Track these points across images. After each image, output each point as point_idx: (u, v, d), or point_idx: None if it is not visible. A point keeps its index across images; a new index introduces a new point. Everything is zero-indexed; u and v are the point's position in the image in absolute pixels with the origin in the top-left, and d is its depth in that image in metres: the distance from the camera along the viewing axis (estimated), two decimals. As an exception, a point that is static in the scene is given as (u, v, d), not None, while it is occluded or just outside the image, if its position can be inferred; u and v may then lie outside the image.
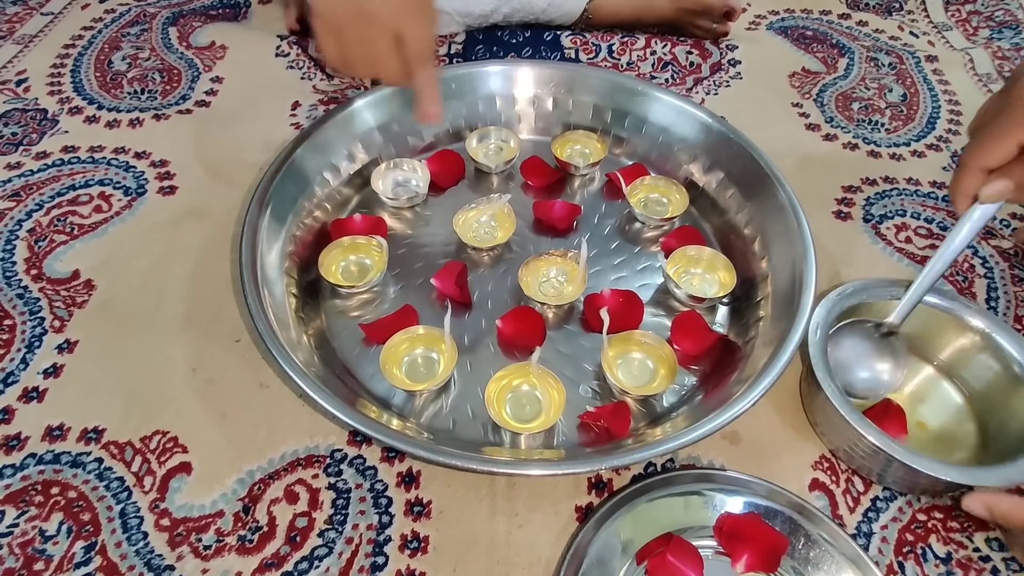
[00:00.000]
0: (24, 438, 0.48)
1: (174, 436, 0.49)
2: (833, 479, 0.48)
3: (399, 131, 0.68)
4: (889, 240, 0.65)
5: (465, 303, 0.57)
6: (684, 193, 0.65)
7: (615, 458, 0.42)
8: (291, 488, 0.47)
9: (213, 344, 0.54)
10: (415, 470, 0.48)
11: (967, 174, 0.42)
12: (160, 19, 0.87)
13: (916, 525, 0.46)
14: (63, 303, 0.56)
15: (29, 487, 0.46)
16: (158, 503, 0.45)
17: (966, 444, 0.50)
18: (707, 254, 0.59)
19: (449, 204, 0.64)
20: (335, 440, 0.49)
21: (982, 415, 0.51)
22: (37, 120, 0.73)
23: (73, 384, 0.52)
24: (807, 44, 0.89)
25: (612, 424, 0.49)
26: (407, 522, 0.45)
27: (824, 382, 0.47)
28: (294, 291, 0.56)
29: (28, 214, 0.63)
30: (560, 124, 0.72)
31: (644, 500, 0.44)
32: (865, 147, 0.74)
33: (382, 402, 0.51)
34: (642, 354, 0.53)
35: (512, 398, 0.50)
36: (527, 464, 0.43)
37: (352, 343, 0.55)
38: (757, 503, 0.44)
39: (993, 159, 0.41)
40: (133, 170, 0.68)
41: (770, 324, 0.53)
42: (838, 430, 0.48)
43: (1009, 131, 0.40)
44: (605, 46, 0.86)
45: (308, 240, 0.61)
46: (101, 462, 0.47)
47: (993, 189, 0.42)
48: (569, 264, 0.59)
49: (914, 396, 0.52)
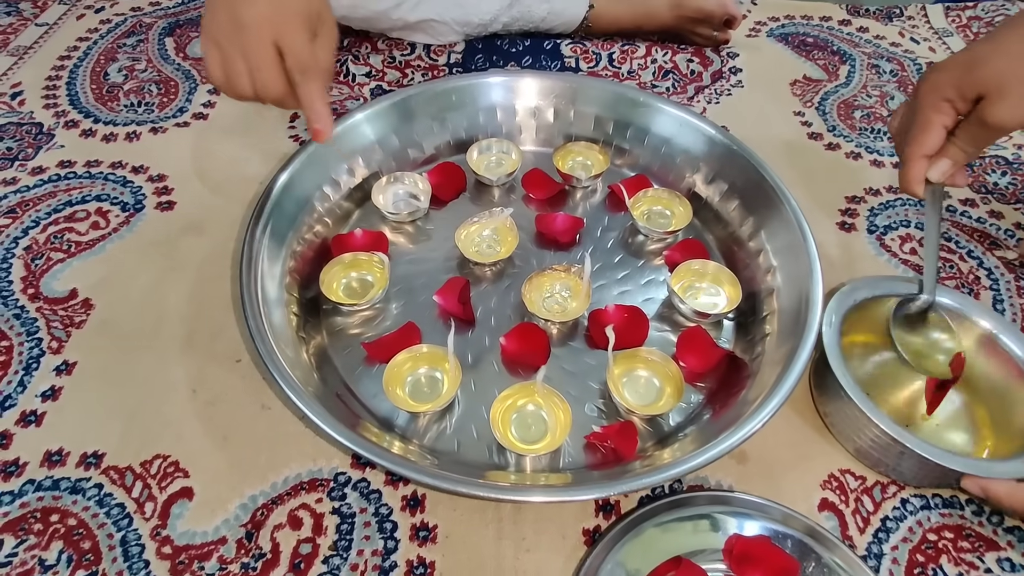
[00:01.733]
0: (23, 464, 0.48)
1: (175, 460, 0.48)
2: (843, 498, 0.48)
3: (399, 144, 0.68)
4: (894, 252, 0.64)
5: (468, 320, 0.57)
6: (687, 205, 0.64)
7: (624, 483, 0.42)
8: (294, 513, 0.46)
9: (213, 364, 0.54)
10: (420, 493, 0.47)
11: (913, 165, 0.49)
12: (156, 29, 0.87)
13: (927, 545, 0.46)
14: (61, 323, 0.56)
15: (28, 515, 0.45)
16: (160, 530, 0.45)
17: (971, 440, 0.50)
18: (712, 268, 0.59)
19: (451, 218, 0.64)
20: (338, 463, 0.48)
21: (987, 412, 0.51)
22: (33, 134, 0.72)
23: (72, 407, 0.51)
24: (808, 51, 0.89)
25: (619, 444, 0.48)
26: (413, 547, 0.45)
27: (839, 372, 0.48)
28: (295, 310, 0.55)
29: (24, 231, 0.62)
30: (562, 135, 0.71)
31: (652, 524, 0.44)
32: (868, 156, 0.74)
33: (385, 423, 0.50)
34: (648, 372, 0.53)
35: (517, 418, 0.50)
36: (534, 491, 0.42)
37: (354, 361, 0.54)
38: (767, 525, 0.44)
39: (929, 146, 0.48)
40: (131, 185, 0.67)
41: (777, 340, 0.52)
42: (850, 420, 0.48)
43: (931, 121, 0.47)
44: (605, 54, 0.85)
45: (309, 256, 0.60)
46: (101, 488, 0.47)
47: (939, 170, 0.48)
48: (573, 279, 0.58)
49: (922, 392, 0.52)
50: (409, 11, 0.79)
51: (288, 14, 0.47)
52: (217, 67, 0.48)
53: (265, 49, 0.47)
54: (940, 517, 0.47)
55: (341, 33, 0.85)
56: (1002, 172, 0.73)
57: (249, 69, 0.47)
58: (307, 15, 0.48)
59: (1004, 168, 0.73)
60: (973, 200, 0.70)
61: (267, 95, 0.49)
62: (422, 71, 0.82)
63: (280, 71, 0.48)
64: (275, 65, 0.47)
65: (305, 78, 0.48)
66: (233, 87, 0.48)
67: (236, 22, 0.46)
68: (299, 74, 0.48)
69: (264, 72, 0.47)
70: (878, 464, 0.49)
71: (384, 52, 0.84)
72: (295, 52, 0.47)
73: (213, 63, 0.48)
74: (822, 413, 0.52)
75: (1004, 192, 0.71)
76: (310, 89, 0.49)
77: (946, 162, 0.48)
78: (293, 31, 0.47)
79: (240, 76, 0.48)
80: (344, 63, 0.82)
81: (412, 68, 0.82)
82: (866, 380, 0.52)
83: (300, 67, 0.48)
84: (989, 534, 0.46)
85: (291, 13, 0.47)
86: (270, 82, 0.48)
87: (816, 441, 0.51)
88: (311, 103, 0.50)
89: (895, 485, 0.48)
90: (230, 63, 0.47)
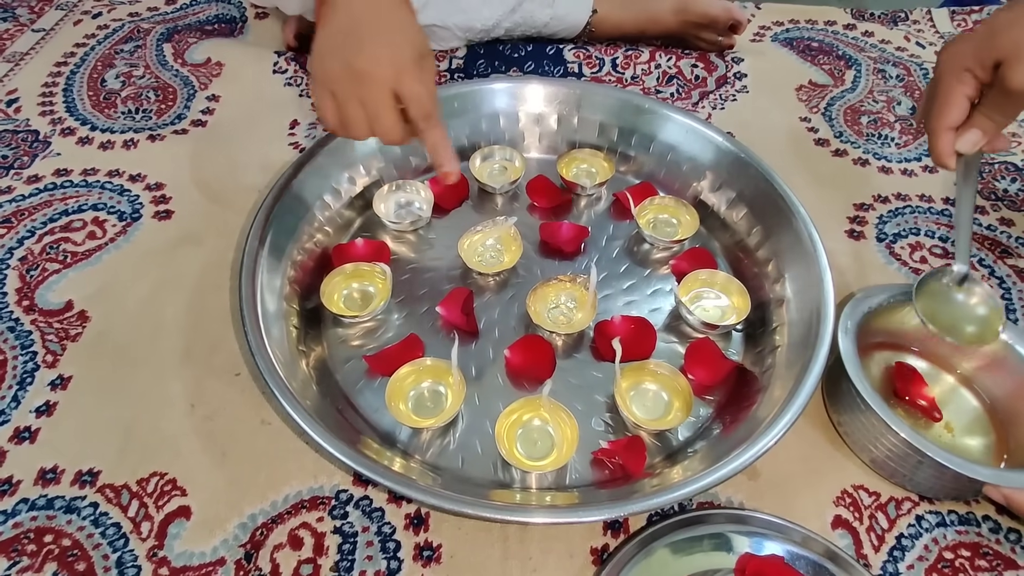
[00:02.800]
0: (16, 482, 0.46)
1: (172, 478, 0.47)
2: (856, 515, 0.47)
3: (401, 152, 0.67)
4: (904, 260, 0.63)
5: (472, 331, 0.56)
6: (694, 214, 0.63)
7: (633, 504, 0.41)
8: (295, 532, 0.45)
9: (212, 378, 0.53)
10: (424, 512, 0.46)
11: (940, 138, 0.48)
12: (154, 35, 0.86)
13: (943, 564, 0.45)
14: (56, 336, 0.55)
15: (21, 535, 0.44)
16: (156, 551, 0.44)
17: (987, 451, 0.50)
18: (720, 278, 0.58)
19: (453, 227, 0.63)
20: (340, 480, 0.47)
21: (1002, 423, 0.51)
22: (28, 142, 0.71)
23: (67, 423, 0.50)
24: (813, 56, 0.88)
25: (627, 460, 0.47)
26: (416, 568, 0.43)
27: (856, 379, 0.47)
28: (295, 322, 0.54)
29: (19, 241, 0.61)
30: (565, 142, 0.70)
31: (663, 544, 0.42)
32: (876, 163, 0.73)
33: (387, 438, 0.49)
34: (656, 385, 0.52)
35: (523, 434, 0.49)
36: (540, 512, 0.41)
37: (355, 375, 0.53)
38: (780, 544, 0.43)
39: (953, 118, 0.47)
40: (128, 194, 0.66)
41: (787, 353, 0.51)
42: (865, 428, 0.47)
43: (953, 92, 0.47)
44: (609, 60, 0.84)
45: (309, 266, 0.59)
46: (96, 507, 0.45)
47: (968, 140, 0.48)
48: (578, 289, 0.57)
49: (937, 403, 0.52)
50: (410, 16, 0.78)
51: (403, 61, 0.48)
52: (332, 114, 0.50)
53: (384, 98, 0.48)
54: (956, 534, 0.46)
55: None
56: (1012, 179, 0.72)
57: (368, 117, 0.49)
58: (419, 57, 0.49)
59: (1014, 175, 0.72)
60: (983, 208, 0.69)
61: (388, 140, 0.50)
62: (423, 77, 0.80)
63: (399, 117, 0.49)
64: (394, 112, 0.49)
65: (429, 124, 0.50)
66: (349, 132, 0.50)
67: (352, 72, 0.47)
68: (423, 121, 0.50)
69: (384, 120, 0.49)
70: (894, 475, 0.48)
71: (385, 58, 0.83)
72: (417, 100, 0.49)
73: (328, 110, 0.50)
74: (836, 423, 0.51)
75: (1014, 199, 0.70)
76: (435, 135, 0.51)
77: (975, 132, 0.47)
78: (411, 79, 0.48)
79: (359, 123, 0.49)
80: (344, 69, 0.81)
81: (413, 74, 0.81)
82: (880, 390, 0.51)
83: (423, 115, 0.50)
84: (1007, 552, 0.45)
85: (406, 60, 0.48)
86: (391, 130, 0.49)
87: (829, 454, 0.50)
88: (437, 149, 0.52)
89: (910, 501, 0.47)
90: (346, 110, 0.49)
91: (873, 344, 0.54)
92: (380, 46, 0.47)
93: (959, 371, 0.53)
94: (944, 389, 0.53)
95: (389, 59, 0.47)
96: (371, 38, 0.48)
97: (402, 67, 0.48)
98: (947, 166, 0.49)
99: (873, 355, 0.54)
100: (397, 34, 0.49)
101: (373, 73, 0.47)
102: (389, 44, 0.48)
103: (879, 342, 0.54)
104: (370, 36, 0.48)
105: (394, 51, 0.48)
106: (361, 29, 0.48)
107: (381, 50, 0.47)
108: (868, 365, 0.53)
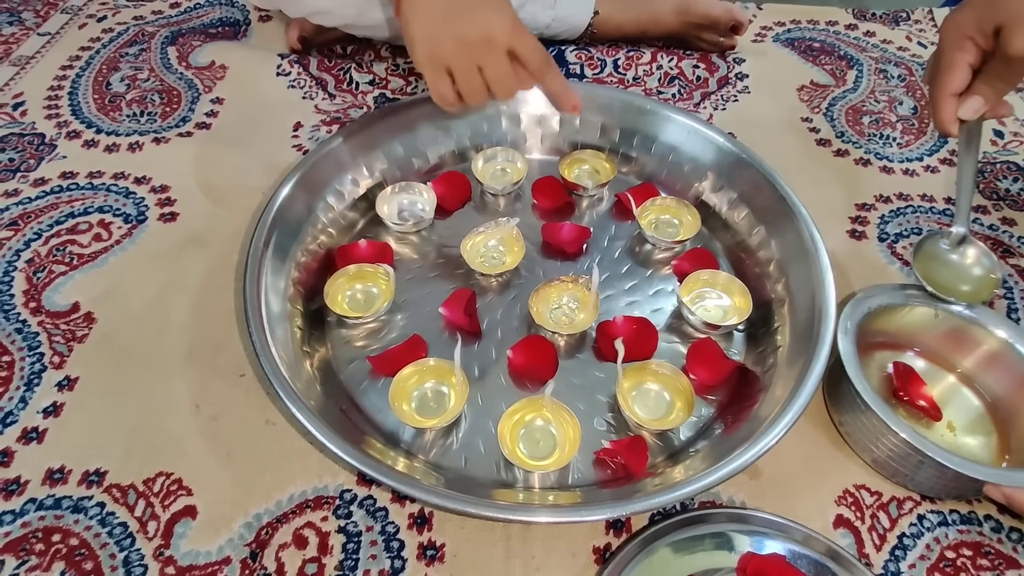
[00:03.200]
0: (24, 482, 0.47)
1: (178, 478, 0.47)
2: (858, 515, 0.47)
3: (404, 153, 0.67)
4: (906, 260, 0.63)
5: (474, 332, 0.56)
6: (696, 214, 0.63)
7: (635, 503, 0.41)
8: (300, 532, 0.45)
9: (217, 379, 0.53)
10: (427, 511, 0.46)
11: (942, 105, 0.49)
12: (159, 38, 0.86)
13: (945, 563, 0.45)
14: (63, 337, 0.55)
15: (30, 534, 0.45)
16: (163, 550, 0.44)
17: (988, 450, 0.50)
18: (722, 278, 0.58)
19: (456, 228, 0.63)
20: (344, 480, 0.48)
21: (1003, 422, 0.51)
22: (35, 145, 0.72)
23: (74, 424, 0.50)
24: (815, 56, 0.88)
25: (629, 460, 0.47)
26: (420, 567, 0.44)
27: (857, 380, 0.47)
28: (299, 323, 0.54)
29: (26, 244, 0.62)
30: (567, 143, 0.70)
31: (665, 543, 0.43)
32: (877, 163, 0.73)
33: (390, 438, 0.50)
34: (658, 385, 0.52)
35: (525, 434, 0.49)
36: (543, 511, 0.42)
37: (359, 375, 0.53)
38: (782, 544, 0.43)
39: (955, 85, 0.49)
40: (133, 196, 0.67)
41: (789, 352, 0.51)
42: (866, 428, 0.48)
43: (955, 60, 0.48)
44: (611, 61, 0.85)
45: (313, 267, 0.59)
46: (103, 507, 0.46)
47: (970, 107, 0.49)
48: (580, 290, 0.57)
49: (938, 402, 0.52)
50: (413, 19, 0.78)
51: (511, 23, 0.53)
52: (450, 89, 0.55)
53: (504, 59, 0.53)
54: (958, 534, 0.46)
55: (344, 40, 0.85)
56: (1014, 178, 0.72)
57: (489, 80, 0.54)
58: (516, 17, 0.54)
59: (1016, 174, 0.72)
60: (985, 207, 0.69)
61: (507, 96, 0.56)
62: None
63: (517, 72, 0.55)
64: (512, 69, 0.54)
65: (549, 67, 0.56)
66: (471, 100, 0.55)
67: (468, 42, 0.52)
68: (544, 66, 0.56)
69: (506, 80, 0.54)
70: (896, 474, 0.48)
71: (388, 59, 0.84)
72: (533, 52, 0.54)
73: (445, 87, 0.54)
74: (837, 423, 0.51)
75: (1016, 199, 0.70)
76: (556, 79, 0.58)
77: (976, 99, 0.49)
78: (523, 35, 0.54)
79: (479, 89, 0.55)
80: (348, 71, 0.82)
81: (416, 76, 0.81)
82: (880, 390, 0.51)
83: (542, 62, 0.55)
84: (1009, 551, 0.45)
85: (513, 20, 0.53)
86: (513, 85, 0.55)
87: (830, 454, 0.50)
88: (562, 90, 0.59)
89: (911, 500, 0.48)
90: (466, 80, 0.54)
91: (874, 344, 0.54)
92: (485, 15, 0.52)
93: (960, 370, 0.53)
94: (945, 388, 0.53)
95: (499, 24, 0.52)
96: (472, 10, 0.52)
97: (512, 28, 0.53)
98: (950, 133, 0.50)
99: (874, 355, 0.54)
100: (499, 3, 0.53)
101: (491, 38, 0.52)
102: (491, 11, 0.52)
103: (880, 342, 0.54)
104: (471, 9, 0.52)
105: (500, 15, 0.52)
106: (459, 5, 0.52)
107: (489, 17, 0.52)
108: (869, 365, 0.54)
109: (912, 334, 0.54)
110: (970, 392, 0.53)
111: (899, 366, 0.53)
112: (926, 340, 0.54)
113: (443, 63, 0.53)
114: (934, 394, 0.52)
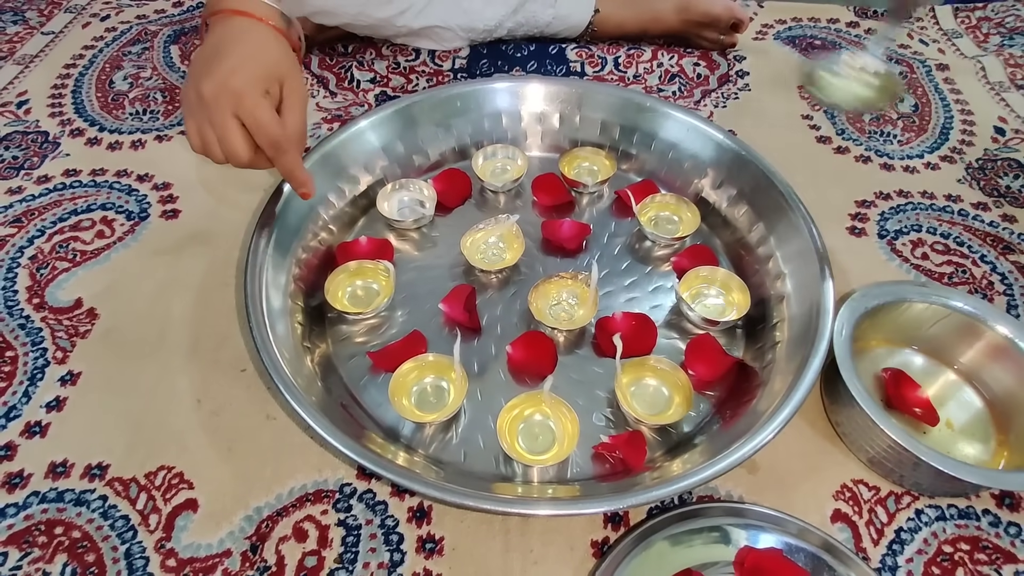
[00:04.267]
0: (27, 475, 0.47)
1: (179, 471, 0.48)
2: (856, 509, 0.47)
3: (404, 151, 0.67)
4: (905, 257, 0.63)
5: (474, 328, 0.56)
6: (695, 211, 0.63)
7: (633, 496, 0.41)
8: (300, 525, 0.45)
9: (218, 374, 0.53)
10: (426, 505, 0.46)
11: None
12: (162, 37, 0.87)
13: (942, 558, 0.45)
14: (65, 333, 0.56)
15: (32, 527, 0.45)
16: (164, 543, 0.44)
17: (987, 447, 0.50)
18: (721, 275, 0.58)
19: (456, 225, 0.63)
20: (344, 474, 0.48)
21: (1002, 418, 0.51)
22: (38, 143, 0.72)
23: (76, 418, 0.51)
24: (816, 54, 0.88)
25: (627, 455, 0.48)
26: (419, 560, 0.44)
27: (851, 383, 0.47)
28: (299, 319, 0.55)
29: (30, 240, 0.62)
30: (567, 141, 0.71)
31: (662, 536, 0.43)
32: (878, 160, 0.73)
33: (390, 433, 0.50)
34: (657, 380, 0.52)
35: (524, 429, 0.49)
36: (541, 504, 0.42)
37: (359, 370, 0.54)
38: (779, 538, 0.43)
39: None
40: (135, 193, 0.67)
41: (787, 348, 0.51)
42: (861, 430, 0.48)
43: None
44: (611, 59, 0.85)
45: (314, 264, 0.60)
46: (105, 500, 0.46)
47: None
48: (580, 286, 0.57)
49: (936, 400, 0.52)
50: (413, 18, 0.79)
51: (240, 86, 0.46)
52: (194, 136, 0.49)
53: (226, 121, 0.47)
54: (956, 528, 0.46)
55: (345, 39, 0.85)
56: (1014, 175, 0.72)
57: (219, 140, 0.48)
58: (263, 81, 0.48)
59: (1017, 171, 0.72)
60: (985, 204, 0.69)
61: (236, 162, 0.49)
62: (426, 77, 0.81)
63: (244, 139, 0.48)
64: (238, 134, 0.48)
65: (278, 152, 0.50)
66: (209, 155, 0.50)
67: (199, 96, 0.47)
68: (271, 149, 0.49)
69: (228, 142, 0.48)
70: (892, 474, 0.48)
71: (388, 58, 0.84)
72: (260, 127, 0.48)
73: (191, 132, 0.49)
74: (834, 422, 0.51)
75: (1017, 195, 0.69)
76: (286, 161, 0.51)
77: None
78: (251, 104, 0.47)
79: (213, 145, 0.49)
80: (349, 69, 0.82)
81: (417, 74, 0.82)
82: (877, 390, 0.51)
83: (270, 142, 0.49)
84: (1007, 546, 0.45)
85: (243, 84, 0.47)
86: (234, 154, 0.48)
87: (828, 450, 0.50)
88: (291, 175, 0.52)
89: (909, 495, 0.48)
90: (204, 134, 0.48)
91: (873, 341, 0.54)
92: (226, 70, 0.46)
93: (958, 367, 0.54)
94: (944, 385, 0.53)
95: (232, 83, 0.46)
96: (219, 62, 0.47)
97: (243, 91, 0.46)
98: None
99: (873, 352, 0.54)
100: (248, 58, 0.48)
101: (215, 97, 0.46)
102: (235, 68, 0.47)
103: (879, 339, 0.54)
104: (219, 61, 0.47)
105: (239, 75, 0.46)
106: (217, 54, 0.47)
107: (225, 74, 0.46)
108: (868, 363, 0.54)
109: (911, 331, 0.54)
110: (969, 389, 0.53)
111: (890, 373, 0.52)
112: (925, 336, 0.54)
113: (186, 110, 0.49)
114: (932, 392, 0.52)
